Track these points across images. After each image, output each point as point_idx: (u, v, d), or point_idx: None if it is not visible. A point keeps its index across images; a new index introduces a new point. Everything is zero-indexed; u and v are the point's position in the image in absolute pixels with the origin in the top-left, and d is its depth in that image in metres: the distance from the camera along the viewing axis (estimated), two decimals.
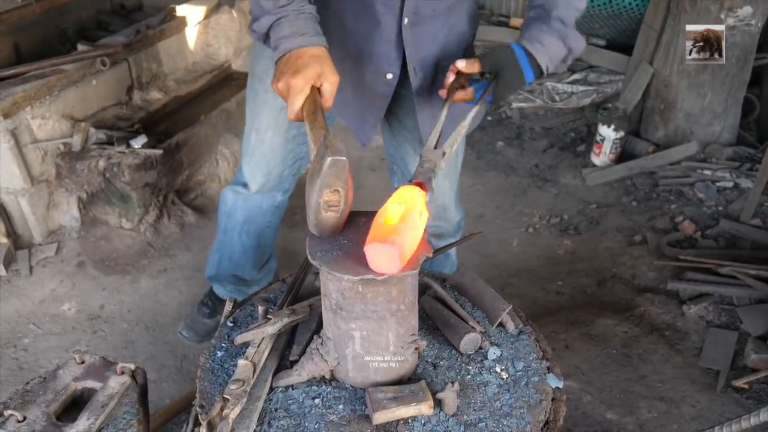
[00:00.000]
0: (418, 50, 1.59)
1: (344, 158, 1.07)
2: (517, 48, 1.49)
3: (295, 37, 1.35)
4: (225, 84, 3.74)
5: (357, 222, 1.18)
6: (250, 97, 1.89)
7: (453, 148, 1.34)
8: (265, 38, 1.42)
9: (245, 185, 2.04)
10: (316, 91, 1.32)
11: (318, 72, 1.31)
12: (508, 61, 1.48)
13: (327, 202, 1.10)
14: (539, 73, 1.50)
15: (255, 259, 2.26)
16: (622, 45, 3.84)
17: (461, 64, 1.49)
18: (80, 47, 3.04)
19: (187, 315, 2.47)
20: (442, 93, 1.51)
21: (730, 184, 3.09)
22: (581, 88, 3.79)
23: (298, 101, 1.30)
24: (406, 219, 1.09)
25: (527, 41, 1.48)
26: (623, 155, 3.46)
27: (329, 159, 1.06)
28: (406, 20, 1.53)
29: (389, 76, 1.62)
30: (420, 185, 1.20)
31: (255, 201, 2.07)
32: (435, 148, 1.32)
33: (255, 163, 1.96)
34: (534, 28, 1.49)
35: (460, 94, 1.50)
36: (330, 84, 1.33)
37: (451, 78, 1.50)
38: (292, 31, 1.36)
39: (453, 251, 2.20)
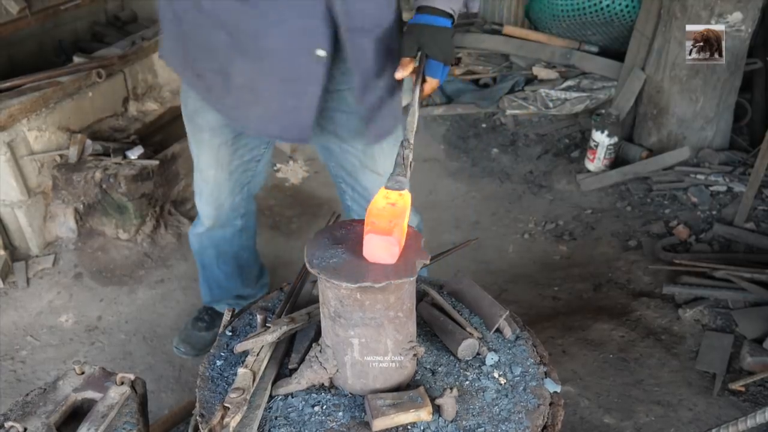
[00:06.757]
0: (351, 18, 1.46)
1: None
2: (416, 17, 1.51)
3: None
4: None
5: (354, 230, 1.19)
6: (190, 140, 1.90)
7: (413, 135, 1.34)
8: None
9: (202, 223, 2.10)
10: None
11: None
12: (420, 30, 1.49)
13: None
14: (450, 17, 1.51)
15: (242, 279, 2.33)
16: (615, 52, 3.87)
17: (398, 75, 1.51)
18: (76, 59, 3.05)
19: (181, 329, 2.45)
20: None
21: (723, 189, 3.11)
22: (574, 94, 3.81)
23: None
24: (399, 215, 1.13)
25: (420, 0, 1.51)
26: (617, 161, 3.49)
27: None
28: None
29: (320, 52, 1.47)
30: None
31: (218, 234, 2.13)
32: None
33: (205, 201, 2.01)
34: None
35: (427, 87, 1.54)
36: None
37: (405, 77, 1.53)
38: None
39: None
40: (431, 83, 1.54)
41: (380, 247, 1.09)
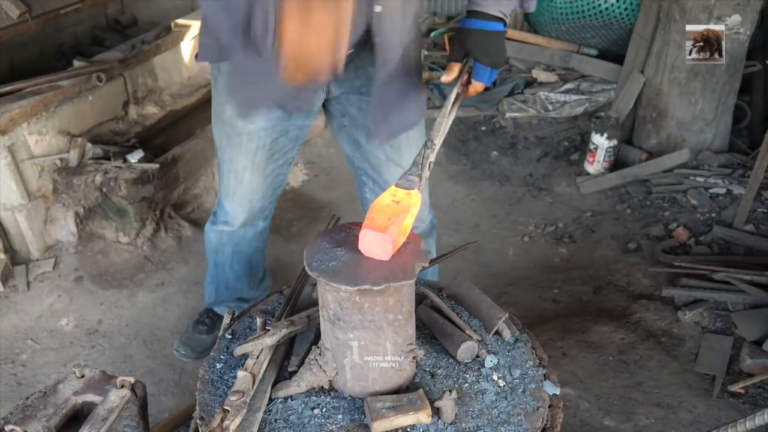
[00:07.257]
0: (387, 36, 1.48)
1: None
2: (465, 21, 1.52)
3: None
4: None
5: (354, 233, 1.19)
6: (223, 142, 1.89)
7: (441, 139, 1.34)
8: None
9: (226, 222, 2.10)
10: None
11: None
12: (468, 35, 1.50)
13: None
14: (501, 20, 1.51)
15: (250, 281, 2.35)
16: (614, 54, 3.88)
17: (444, 79, 1.53)
18: (76, 63, 3.06)
19: (182, 332, 2.46)
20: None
21: (722, 191, 3.12)
22: (574, 97, 3.82)
23: None
24: (399, 214, 1.14)
25: (470, 5, 1.52)
26: (617, 163, 3.49)
27: None
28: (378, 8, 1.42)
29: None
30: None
31: (239, 233, 2.14)
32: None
33: (237, 202, 2.01)
34: None
35: (471, 90, 1.55)
36: None
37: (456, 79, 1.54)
38: None
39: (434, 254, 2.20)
40: (475, 86, 1.55)
41: (374, 243, 1.11)
